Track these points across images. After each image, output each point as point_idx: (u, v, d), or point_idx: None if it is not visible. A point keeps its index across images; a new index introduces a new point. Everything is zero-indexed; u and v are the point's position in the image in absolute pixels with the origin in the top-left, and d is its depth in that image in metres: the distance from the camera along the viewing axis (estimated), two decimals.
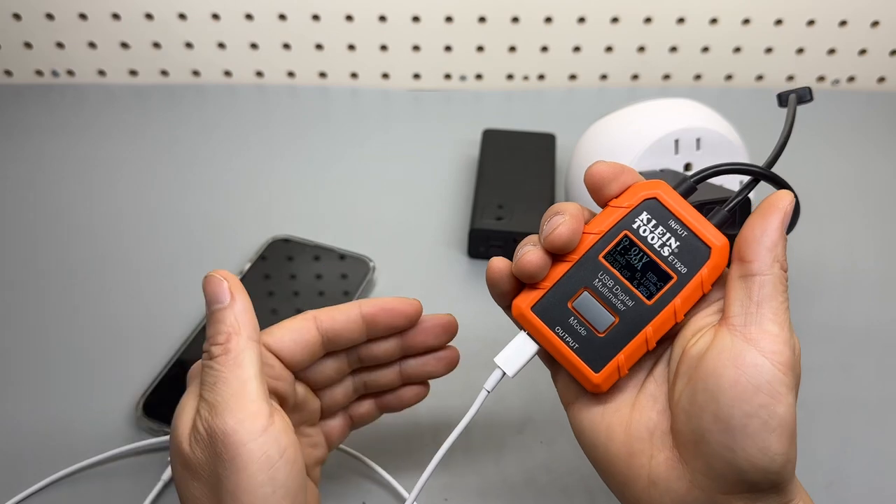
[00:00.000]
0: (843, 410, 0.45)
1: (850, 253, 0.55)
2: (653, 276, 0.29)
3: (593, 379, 0.29)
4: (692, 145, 0.45)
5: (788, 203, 0.29)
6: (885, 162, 0.63)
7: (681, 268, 0.29)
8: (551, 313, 0.30)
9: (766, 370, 0.26)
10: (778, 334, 0.27)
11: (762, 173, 0.31)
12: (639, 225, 0.29)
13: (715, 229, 0.29)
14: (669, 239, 0.29)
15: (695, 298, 0.29)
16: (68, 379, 0.46)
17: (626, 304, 0.29)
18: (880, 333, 0.49)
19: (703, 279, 0.29)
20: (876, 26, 0.68)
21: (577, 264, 0.30)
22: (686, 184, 0.30)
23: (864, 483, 0.41)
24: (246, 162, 0.63)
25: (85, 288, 0.52)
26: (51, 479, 0.40)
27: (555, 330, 0.30)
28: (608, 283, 0.29)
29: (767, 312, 0.27)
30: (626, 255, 0.29)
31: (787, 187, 0.32)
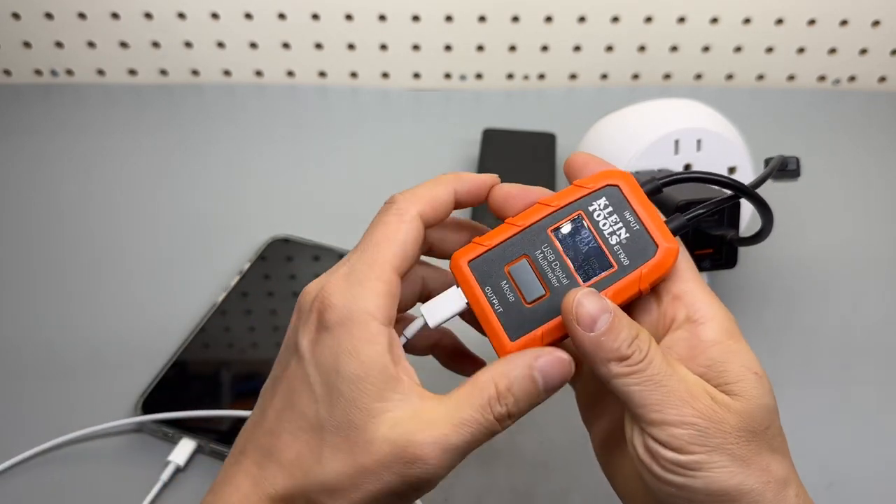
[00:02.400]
0: (844, 410, 0.45)
1: (851, 253, 0.55)
2: (595, 262, 0.29)
3: (506, 346, 0.29)
4: (692, 146, 0.45)
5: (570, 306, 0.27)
6: (886, 162, 0.63)
7: (624, 259, 0.29)
8: (486, 272, 0.29)
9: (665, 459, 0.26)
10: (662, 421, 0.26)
11: (741, 189, 0.30)
12: (595, 209, 0.29)
13: (667, 231, 0.29)
14: (620, 229, 0.29)
15: (629, 293, 0.28)
16: (68, 379, 0.46)
17: (560, 280, 0.29)
18: (881, 333, 0.49)
19: (642, 276, 0.28)
20: (877, 26, 0.68)
21: (525, 231, 0.29)
22: (653, 183, 0.30)
23: (864, 483, 0.41)
24: (246, 161, 0.63)
25: (84, 287, 0.52)
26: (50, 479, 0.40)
27: (484, 289, 0.29)
28: (549, 256, 0.29)
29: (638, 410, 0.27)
30: (575, 235, 0.29)
31: (765, 207, 0.31)
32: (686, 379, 0.27)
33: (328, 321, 0.27)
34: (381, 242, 0.28)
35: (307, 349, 0.28)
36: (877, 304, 0.51)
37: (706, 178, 0.30)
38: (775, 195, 0.57)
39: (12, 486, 0.41)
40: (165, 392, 0.44)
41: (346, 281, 0.28)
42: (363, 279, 0.28)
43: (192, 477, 0.41)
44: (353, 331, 0.27)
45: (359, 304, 0.27)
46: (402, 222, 0.29)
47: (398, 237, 0.29)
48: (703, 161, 0.45)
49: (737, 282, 0.52)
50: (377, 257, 0.28)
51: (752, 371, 0.27)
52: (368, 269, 0.28)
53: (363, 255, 0.29)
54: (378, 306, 0.27)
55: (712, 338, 0.28)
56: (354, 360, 0.26)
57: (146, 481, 0.40)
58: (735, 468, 0.26)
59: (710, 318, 0.28)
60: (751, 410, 0.27)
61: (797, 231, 0.57)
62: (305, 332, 0.28)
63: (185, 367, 0.46)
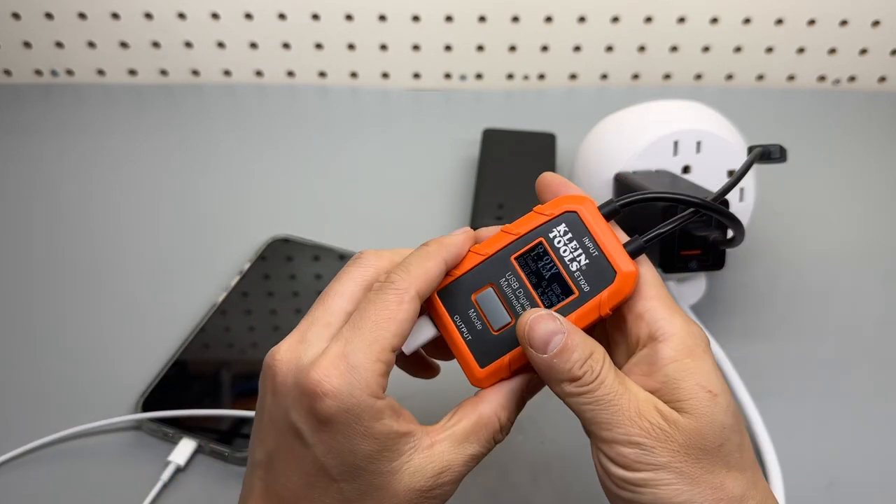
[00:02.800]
0: (844, 410, 0.45)
1: (852, 252, 0.55)
2: (556, 288, 0.29)
3: (476, 373, 0.30)
4: (692, 148, 0.45)
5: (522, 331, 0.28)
6: (886, 162, 0.63)
7: (584, 285, 0.29)
8: (454, 301, 0.30)
9: (615, 475, 0.28)
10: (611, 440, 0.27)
11: (700, 204, 0.31)
12: (555, 235, 0.30)
13: (626, 255, 0.29)
14: (580, 255, 0.30)
15: (590, 319, 0.29)
16: (68, 379, 0.46)
17: (525, 308, 0.30)
18: (881, 333, 0.49)
19: (602, 301, 0.29)
20: (877, 26, 0.68)
21: (490, 260, 0.30)
22: (611, 206, 0.30)
23: (864, 483, 0.41)
24: (246, 162, 0.63)
25: (84, 287, 0.52)
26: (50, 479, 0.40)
27: (453, 318, 0.30)
28: (513, 284, 0.30)
29: (590, 427, 0.28)
30: (537, 262, 0.30)
31: (730, 217, 0.31)
32: (637, 397, 0.28)
33: (329, 410, 0.27)
34: (381, 323, 0.28)
35: (312, 437, 0.27)
36: (877, 304, 0.51)
37: (663, 198, 0.31)
38: (775, 195, 0.58)
39: (10, 481, 0.41)
40: (166, 392, 0.44)
41: (343, 364, 0.27)
42: (363, 363, 0.27)
43: (192, 477, 0.41)
44: (361, 416, 0.27)
45: (361, 392, 0.27)
46: (403, 303, 0.28)
47: (398, 317, 0.28)
48: (702, 163, 0.45)
49: (737, 282, 0.52)
50: (378, 338, 0.28)
51: (706, 389, 0.28)
52: (368, 349, 0.27)
53: (361, 334, 0.28)
54: (379, 386, 0.27)
55: (669, 355, 0.28)
56: (370, 440, 0.27)
57: (146, 481, 0.40)
58: (682, 486, 0.27)
59: (670, 335, 0.28)
60: (700, 428, 0.27)
61: (797, 231, 0.57)
62: (301, 416, 0.27)
63: (185, 367, 0.46)
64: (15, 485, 0.41)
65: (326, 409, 0.27)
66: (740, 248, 0.51)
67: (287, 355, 0.28)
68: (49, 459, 0.42)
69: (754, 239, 0.55)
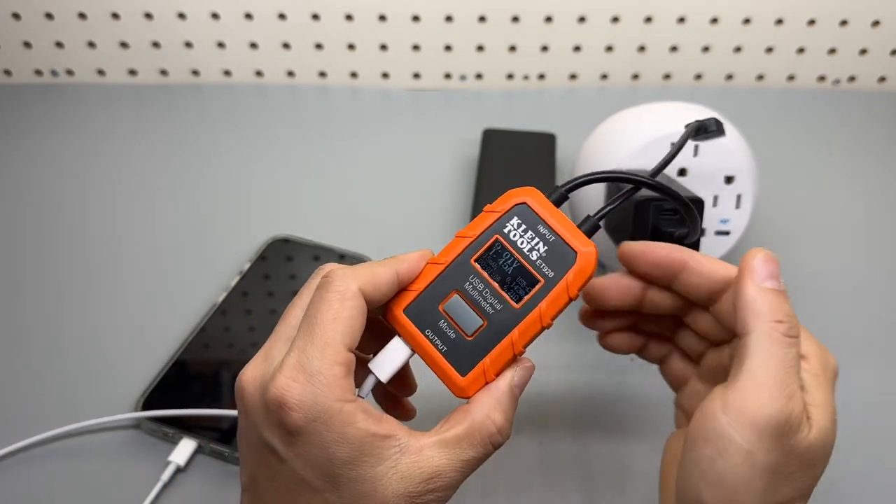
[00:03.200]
0: (844, 410, 0.45)
1: (851, 253, 0.55)
2: (522, 281, 0.29)
3: (458, 382, 0.29)
4: (689, 151, 0.45)
5: (752, 259, 0.30)
6: (886, 162, 0.63)
7: (548, 272, 0.29)
8: (422, 316, 0.30)
9: (718, 423, 0.27)
10: (746, 392, 0.27)
11: (640, 181, 0.31)
12: (510, 230, 0.30)
13: (582, 235, 0.30)
14: (538, 244, 0.30)
15: (561, 303, 0.29)
16: (68, 379, 0.46)
17: (494, 307, 0.29)
18: (881, 333, 0.49)
19: (569, 284, 0.29)
20: (877, 26, 0.68)
21: (450, 267, 0.30)
22: (557, 192, 0.31)
23: (864, 483, 0.41)
24: (246, 161, 0.63)
25: (83, 287, 0.52)
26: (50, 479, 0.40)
27: (425, 332, 0.30)
28: (478, 286, 0.30)
29: (745, 366, 0.28)
30: (497, 260, 0.30)
31: (669, 193, 0.32)
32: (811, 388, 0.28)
33: (296, 422, 0.26)
34: (327, 325, 0.27)
35: (285, 451, 0.27)
36: (877, 305, 0.51)
37: (605, 178, 0.31)
38: (775, 195, 0.58)
39: (10, 480, 0.41)
40: (166, 391, 0.44)
41: (301, 374, 0.27)
42: (320, 370, 0.27)
43: (192, 477, 0.41)
44: (331, 422, 0.26)
45: (325, 398, 0.26)
46: (346, 300, 0.28)
47: (343, 315, 0.28)
48: (699, 167, 0.45)
49: None
50: (328, 341, 0.27)
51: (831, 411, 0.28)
52: (322, 355, 0.27)
53: (311, 339, 0.27)
54: (343, 389, 0.27)
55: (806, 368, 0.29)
56: (344, 445, 0.26)
57: (146, 481, 0.40)
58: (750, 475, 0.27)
59: (809, 354, 0.29)
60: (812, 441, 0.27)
61: (797, 231, 0.57)
62: (272, 433, 0.27)
63: (185, 367, 0.46)
64: (14, 484, 0.41)
65: (294, 421, 0.26)
66: (740, 248, 0.51)
67: (252, 374, 0.28)
68: (49, 459, 0.42)
69: (754, 239, 0.55)
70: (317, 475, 0.27)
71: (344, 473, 0.27)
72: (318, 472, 0.27)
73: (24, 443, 0.42)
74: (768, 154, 0.58)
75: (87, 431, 0.43)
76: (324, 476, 0.27)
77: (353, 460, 0.27)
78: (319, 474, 0.27)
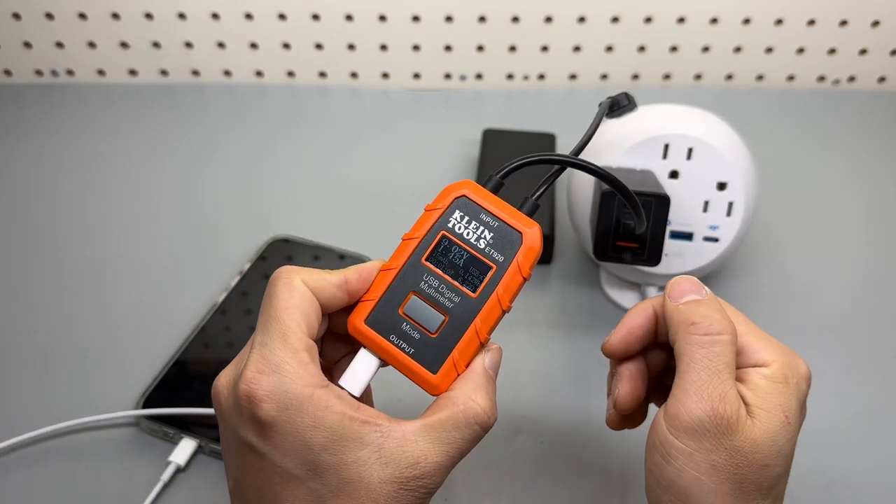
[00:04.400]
0: (843, 410, 0.45)
1: (852, 252, 0.55)
2: (474, 270, 0.30)
3: (431, 381, 0.30)
4: (682, 153, 0.45)
5: (674, 284, 0.32)
6: (886, 162, 0.63)
7: (498, 257, 0.30)
8: (384, 323, 0.30)
9: (659, 431, 0.29)
10: (680, 398, 0.28)
11: (567, 161, 0.32)
12: (454, 223, 0.31)
13: (524, 216, 0.31)
14: (483, 231, 0.30)
15: (515, 284, 0.30)
16: (68, 379, 0.46)
17: (452, 300, 0.30)
18: (880, 333, 0.49)
19: (520, 264, 0.30)
20: (876, 26, 0.68)
21: (403, 270, 0.30)
22: (492, 180, 0.32)
23: (864, 483, 0.41)
24: (246, 162, 0.63)
25: (84, 287, 0.52)
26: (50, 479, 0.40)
27: (389, 338, 0.30)
28: (434, 283, 0.30)
29: (677, 377, 0.29)
30: (448, 255, 0.30)
31: (596, 172, 0.32)
32: (731, 385, 0.29)
33: (269, 412, 0.26)
34: (281, 315, 0.28)
35: (262, 445, 0.27)
36: (877, 304, 0.51)
37: (533, 161, 0.32)
38: (775, 196, 0.58)
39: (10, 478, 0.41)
40: (166, 391, 0.44)
41: (265, 365, 0.27)
42: (283, 358, 0.27)
43: (192, 477, 0.41)
44: (303, 408, 0.26)
45: (293, 384, 0.27)
46: (293, 289, 0.28)
47: (293, 304, 0.28)
48: (691, 170, 0.45)
49: (736, 281, 0.52)
50: (285, 331, 0.28)
51: (784, 413, 0.29)
52: (282, 344, 0.27)
53: (268, 332, 0.28)
54: (311, 374, 0.27)
55: (766, 374, 0.30)
56: (320, 430, 0.26)
57: (146, 481, 0.40)
58: (707, 479, 0.28)
59: (770, 361, 0.30)
60: (759, 441, 0.28)
61: (796, 231, 0.57)
62: (247, 430, 0.27)
63: (185, 367, 0.46)
64: (14, 483, 0.41)
65: (266, 413, 0.26)
66: (739, 248, 0.51)
67: (226, 379, 0.29)
68: (49, 459, 0.42)
69: (752, 239, 0.55)
70: (297, 464, 0.27)
71: (324, 460, 0.26)
72: (298, 461, 0.27)
73: (23, 437, 0.42)
74: (768, 154, 0.58)
75: (87, 428, 0.43)
76: (304, 464, 0.27)
77: (332, 445, 0.26)
78: (299, 463, 0.27)
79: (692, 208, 0.45)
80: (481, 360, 0.30)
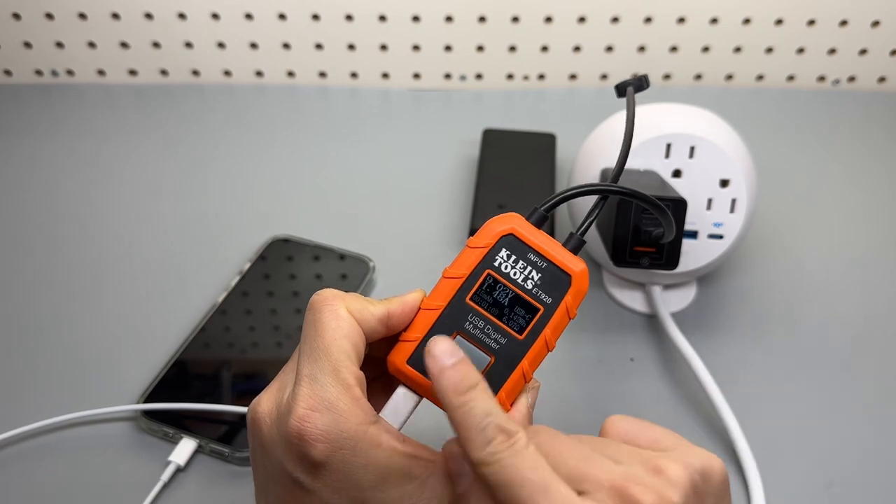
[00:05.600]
0: (843, 410, 0.45)
1: (852, 252, 0.55)
2: (520, 310, 0.29)
3: None
4: (685, 152, 0.45)
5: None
6: (886, 162, 0.63)
7: (545, 298, 0.29)
8: None
9: None
10: None
11: (608, 190, 0.32)
12: (500, 262, 0.30)
13: (572, 255, 0.30)
14: (531, 272, 0.30)
15: (563, 326, 0.30)
16: (68, 379, 0.46)
17: (498, 342, 0.29)
18: (880, 333, 0.49)
19: (568, 306, 0.30)
20: (876, 26, 0.68)
21: (446, 310, 0.30)
22: (537, 214, 0.31)
23: (864, 483, 0.41)
24: (246, 161, 0.63)
25: (84, 288, 0.52)
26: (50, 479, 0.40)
27: None
28: (479, 323, 0.29)
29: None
30: (493, 294, 0.30)
31: (637, 196, 0.31)
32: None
33: (322, 453, 0.26)
34: (330, 347, 0.27)
35: (311, 483, 0.26)
36: (877, 304, 0.51)
37: (578, 193, 0.31)
38: (775, 196, 0.58)
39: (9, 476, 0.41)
40: (166, 391, 0.44)
41: (318, 402, 0.26)
42: (337, 396, 0.26)
43: (192, 477, 0.41)
44: (357, 448, 0.26)
45: (348, 424, 0.26)
46: (340, 318, 0.28)
47: (341, 334, 0.27)
48: (694, 169, 0.45)
49: (736, 281, 0.52)
50: (336, 365, 0.27)
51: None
52: (334, 380, 0.27)
53: (318, 364, 0.27)
54: (364, 411, 0.27)
55: None
56: (371, 469, 0.26)
57: (146, 481, 0.40)
58: None
59: None
60: None
61: (796, 231, 0.57)
62: (295, 466, 0.26)
63: (185, 367, 0.46)
64: (14, 482, 0.41)
65: (319, 454, 0.26)
66: (739, 248, 0.51)
67: (267, 406, 0.28)
68: (48, 459, 0.42)
69: (752, 239, 0.55)
70: (345, 501, 0.26)
71: (373, 497, 0.26)
72: (347, 498, 0.26)
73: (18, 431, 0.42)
74: (768, 154, 0.59)
75: (87, 421, 0.43)
76: (352, 501, 0.26)
77: (381, 482, 0.26)
78: (348, 500, 0.26)
79: (696, 206, 0.45)
80: (525, 400, 0.30)
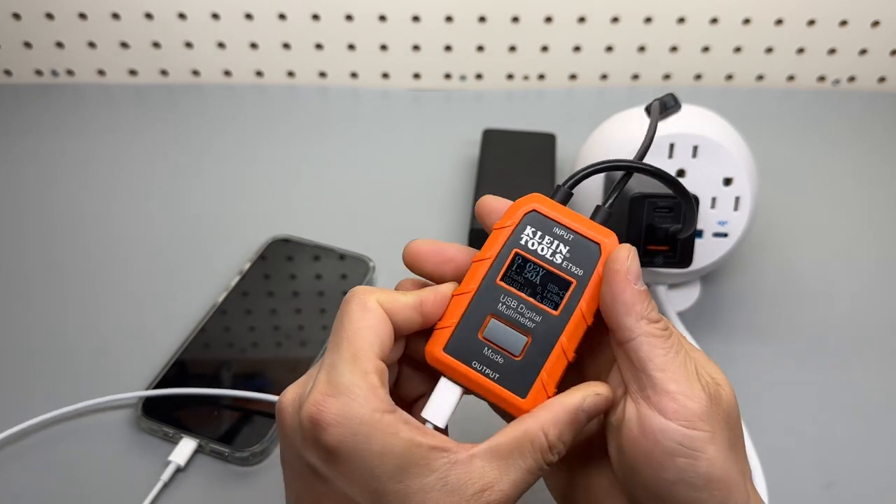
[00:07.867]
0: (843, 410, 0.45)
1: (852, 252, 0.55)
2: (553, 286, 0.29)
3: (522, 406, 0.28)
4: (688, 152, 0.45)
5: (625, 259, 0.28)
6: (886, 162, 0.63)
7: (577, 271, 0.29)
8: (464, 349, 0.29)
9: (673, 432, 0.26)
10: (675, 391, 0.26)
11: (632, 166, 0.31)
12: (526, 240, 0.29)
13: (600, 226, 0.30)
14: (559, 246, 0.29)
15: (598, 297, 0.29)
16: (68, 379, 0.46)
17: (534, 320, 0.29)
18: (881, 333, 0.49)
19: (601, 276, 0.29)
20: (876, 26, 0.68)
21: (478, 294, 0.29)
22: (561, 191, 0.31)
23: (864, 483, 0.41)
24: (246, 162, 0.63)
25: (84, 288, 0.52)
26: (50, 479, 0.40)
27: (472, 365, 0.29)
28: (512, 304, 0.29)
29: (655, 372, 0.27)
30: (523, 273, 0.29)
31: (658, 175, 0.31)
32: (696, 355, 0.28)
33: (335, 438, 0.25)
34: (352, 336, 0.27)
35: (327, 471, 0.26)
36: (877, 304, 0.51)
37: (602, 168, 0.31)
38: (775, 196, 0.58)
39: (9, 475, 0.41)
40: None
41: (333, 388, 0.26)
42: (353, 381, 0.26)
43: (192, 477, 0.41)
44: (372, 435, 0.26)
45: (362, 409, 0.26)
46: (367, 310, 0.28)
47: (367, 324, 0.27)
48: (697, 168, 0.45)
49: (736, 280, 0.52)
50: (356, 353, 0.27)
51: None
52: (353, 368, 0.26)
53: (339, 353, 0.27)
54: (381, 399, 0.26)
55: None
56: (388, 457, 0.25)
57: (146, 481, 0.40)
58: (729, 454, 0.27)
59: None
60: (732, 401, 0.28)
61: (797, 231, 0.57)
62: (312, 454, 0.26)
63: (185, 367, 0.46)
64: (13, 482, 0.41)
65: (332, 439, 0.25)
66: (739, 249, 0.51)
67: (291, 396, 0.28)
68: (47, 459, 0.42)
69: (754, 239, 0.55)
70: (362, 491, 0.26)
71: (390, 488, 0.26)
72: (364, 488, 0.26)
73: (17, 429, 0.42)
74: (768, 154, 0.58)
75: (88, 412, 0.43)
76: (369, 492, 0.26)
77: (399, 473, 0.26)
78: (364, 490, 0.26)
79: (700, 205, 0.45)
80: (581, 397, 0.28)
